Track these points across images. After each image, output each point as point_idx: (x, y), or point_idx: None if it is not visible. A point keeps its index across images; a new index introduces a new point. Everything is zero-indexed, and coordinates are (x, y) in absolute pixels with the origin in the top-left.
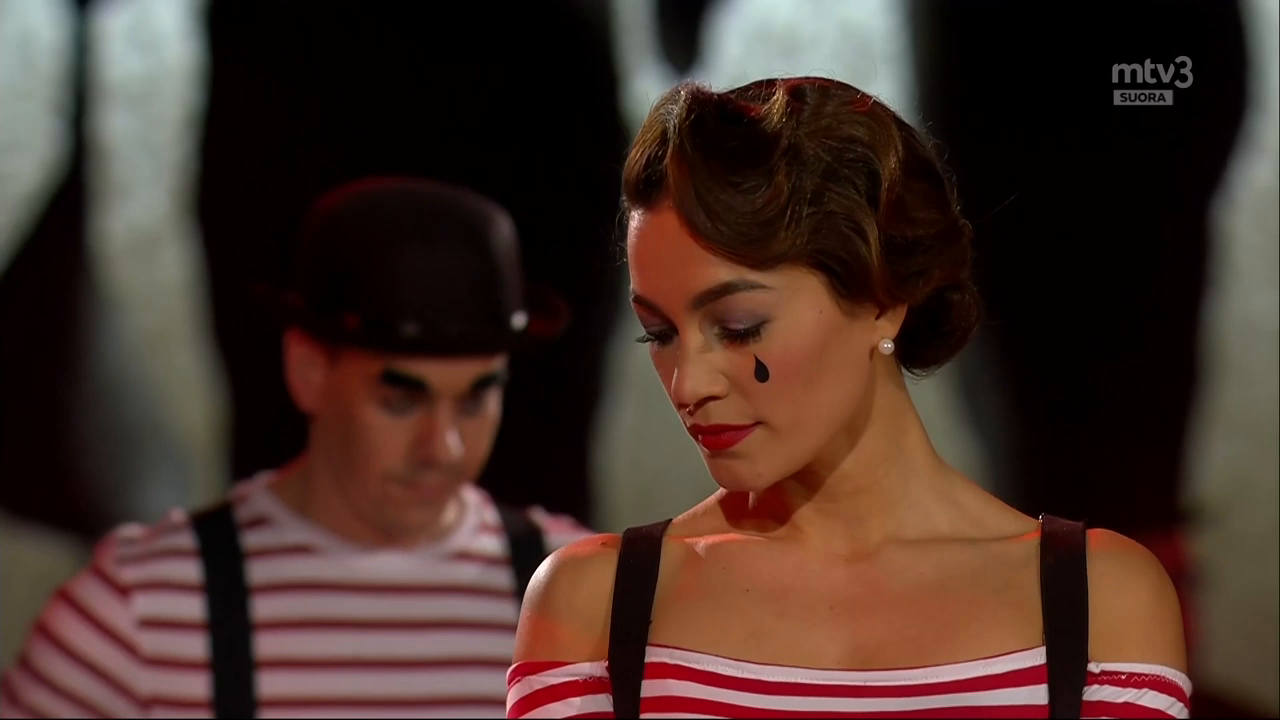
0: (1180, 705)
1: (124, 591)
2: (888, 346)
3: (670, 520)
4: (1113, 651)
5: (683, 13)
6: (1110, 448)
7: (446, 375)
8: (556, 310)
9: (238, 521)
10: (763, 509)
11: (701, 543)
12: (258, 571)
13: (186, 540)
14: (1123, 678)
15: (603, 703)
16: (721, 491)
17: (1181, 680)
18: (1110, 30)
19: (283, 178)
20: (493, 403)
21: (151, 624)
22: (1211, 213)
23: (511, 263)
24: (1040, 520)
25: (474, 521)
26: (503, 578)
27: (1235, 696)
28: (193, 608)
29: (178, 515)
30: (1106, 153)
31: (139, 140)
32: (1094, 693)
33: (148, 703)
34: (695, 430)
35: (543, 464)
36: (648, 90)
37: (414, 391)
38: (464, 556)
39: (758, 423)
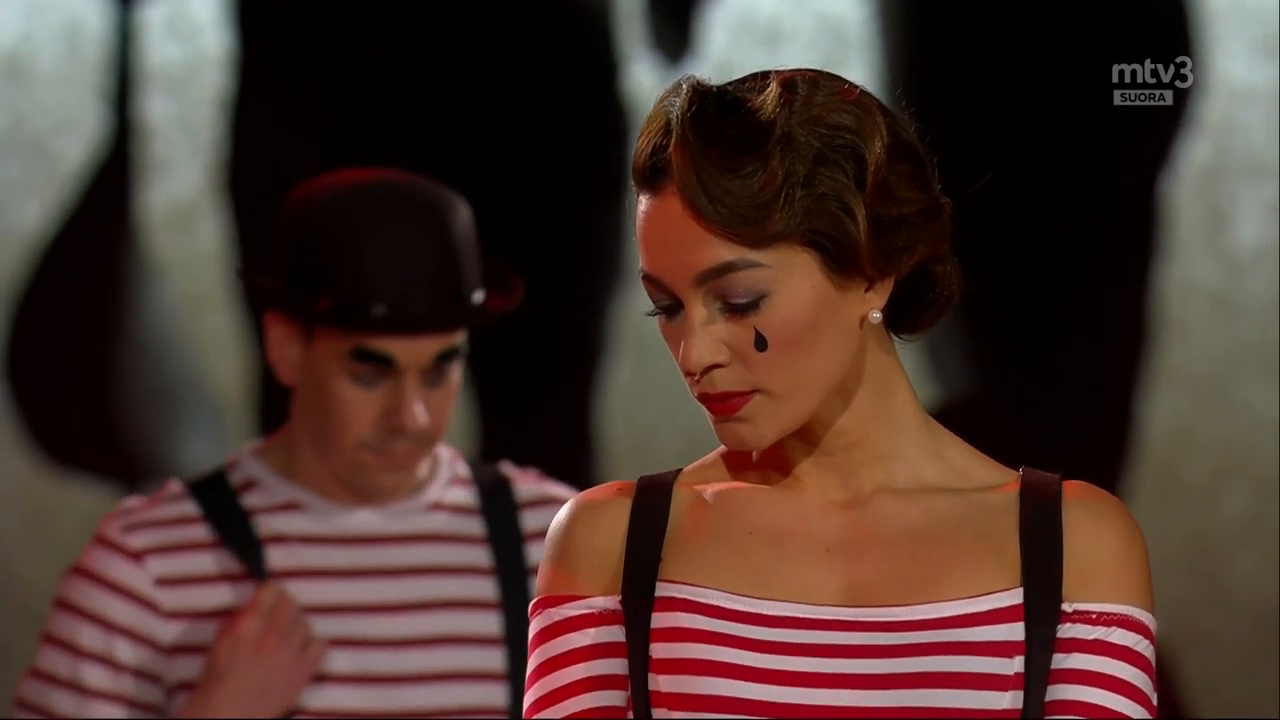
0: (1146, 642)
1: (136, 556)
2: (876, 316)
3: (680, 469)
4: (1085, 592)
5: (674, 6)
6: (1065, 401)
7: (412, 351)
8: (512, 285)
9: (233, 485)
10: (765, 462)
11: (709, 490)
12: (261, 526)
13: (190, 508)
14: (1093, 616)
15: (616, 633)
16: None
17: (1148, 619)
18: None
19: (307, 156)
20: (455, 373)
21: (168, 582)
22: (1157, 187)
23: (470, 244)
24: (1021, 472)
25: (446, 475)
26: (475, 525)
27: (1178, 629)
28: (207, 564)
29: (176, 486)
30: (1066, 134)
31: (177, 121)
32: (1067, 630)
33: (171, 652)
34: (703, 398)
35: (546, 417)
36: (641, 78)
37: (382, 366)
38: (438, 507)
39: (757, 390)
